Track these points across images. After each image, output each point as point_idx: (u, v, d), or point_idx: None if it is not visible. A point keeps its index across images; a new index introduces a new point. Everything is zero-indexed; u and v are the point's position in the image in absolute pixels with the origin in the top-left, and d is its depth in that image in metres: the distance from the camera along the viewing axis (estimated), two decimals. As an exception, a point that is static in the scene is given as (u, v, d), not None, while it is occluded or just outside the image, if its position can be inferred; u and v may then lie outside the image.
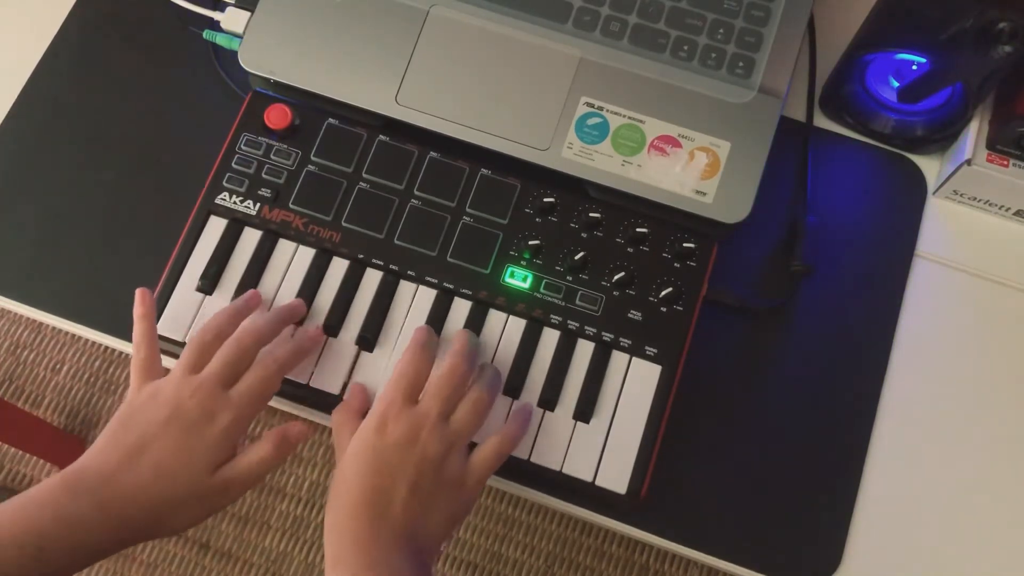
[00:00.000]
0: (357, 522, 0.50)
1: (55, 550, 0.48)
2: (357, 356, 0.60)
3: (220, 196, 0.62)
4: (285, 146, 0.64)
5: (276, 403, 0.60)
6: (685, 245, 0.61)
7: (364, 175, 0.63)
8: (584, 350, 0.60)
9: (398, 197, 0.63)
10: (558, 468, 0.58)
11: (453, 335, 0.59)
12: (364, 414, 0.56)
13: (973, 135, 0.64)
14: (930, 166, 0.69)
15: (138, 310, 0.56)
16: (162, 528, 0.52)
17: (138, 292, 0.57)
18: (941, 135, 0.67)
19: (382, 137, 0.64)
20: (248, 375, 0.54)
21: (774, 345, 0.64)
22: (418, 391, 0.55)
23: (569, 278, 0.61)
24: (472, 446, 0.56)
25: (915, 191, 0.68)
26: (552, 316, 0.60)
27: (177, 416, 0.52)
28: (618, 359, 0.60)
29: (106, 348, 1.38)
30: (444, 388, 0.54)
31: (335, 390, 0.59)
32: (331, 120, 0.64)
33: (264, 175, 0.63)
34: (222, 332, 0.56)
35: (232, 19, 0.67)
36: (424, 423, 0.53)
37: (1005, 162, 0.63)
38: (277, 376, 0.55)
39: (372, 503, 0.51)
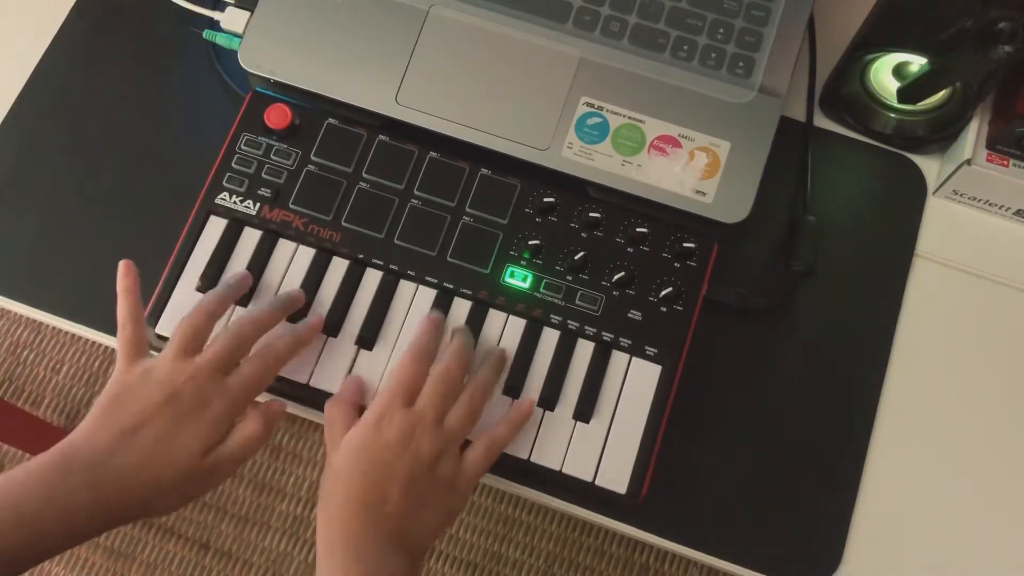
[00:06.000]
0: (350, 518, 0.51)
1: (47, 529, 0.48)
2: (356, 356, 0.60)
3: (220, 196, 0.62)
4: (285, 146, 0.64)
5: (276, 403, 0.60)
6: (685, 245, 0.61)
7: (364, 175, 0.63)
8: (584, 350, 0.60)
9: (398, 197, 0.63)
10: (558, 468, 0.58)
11: (451, 332, 0.59)
12: (357, 408, 0.56)
13: (973, 135, 0.64)
14: (930, 166, 0.69)
15: (121, 283, 0.55)
16: (152, 509, 0.51)
17: (121, 264, 0.56)
18: (941, 135, 0.67)
19: (382, 137, 0.64)
20: (246, 365, 0.54)
21: (774, 345, 0.64)
22: (415, 393, 0.55)
23: (569, 278, 0.61)
24: (466, 444, 0.56)
25: (915, 191, 0.68)
26: (552, 316, 0.60)
27: (172, 400, 0.51)
28: (618, 359, 0.60)
29: (106, 348, 1.38)
30: (438, 391, 0.55)
31: (335, 389, 0.59)
32: (331, 120, 0.64)
33: (264, 175, 0.63)
34: (214, 313, 0.56)
35: (232, 19, 0.67)
36: (419, 424, 0.53)
37: (1005, 162, 0.63)
38: (275, 367, 0.56)
39: (366, 501, 0.51)
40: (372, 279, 0.61)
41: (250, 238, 0.62)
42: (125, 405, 0.51)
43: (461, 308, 0.61)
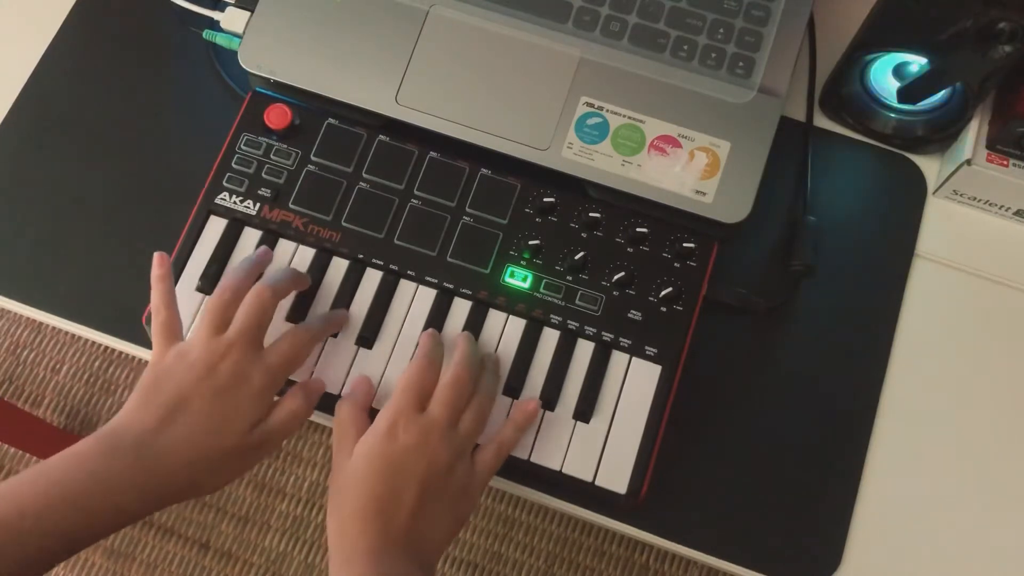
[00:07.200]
0: (365, 527, 0.51)
1: (95, 509, 0.48)
2: (356, 355, 0.60)
3: (220, 196, 0.62)
4: (285, 146, 0.64)
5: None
6: (685, 245, 0.61)
7: (364, 175, 0.63)
8: (584, 350, 0.60)
9: (398, 197, 0.63)
10: (558, 468, 0.58)
11: (454, 340, 0.59)
12: (368, 411, 0.57)
13: (973, 135, 0.64)
14: (930, 166, 0.69)
15: (156, 272, 0.57)
16: (200, 487, 0.52)
17: (156, 255, 0.57)
18: (941, 135, 0.67)
19: (382, 137, 0.64)
20: (282, 342, 0.55)
21: (774, 345, 0.64)
22: (426, 399, 0.55)
23: (569, 278, 0.61)
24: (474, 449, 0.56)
25: (915, 191, 0.68)
26: (552, 316, 0.60)
27: (211, 377, 0.52)
28: (618, 359, 0.60)
29: (106, 348, 1.38)
30: (451, 396, 0.55)
31: (335, 390, 0.59)
32: (331, 120, 0.64)
33: (264, 175, 0.63)
34: (240, 291, 0.56)
35: (232, 19, 0.67)
36: (433, 430, 0.53)
37: (1005, 162, 0.63)
38: (310, 344, 0.57)
39: (381, 509, 0.51)
40: (372, 279, 0.62)
41: (250, 238, 0.62)
42: (165, 386, 0.52)
43: (461, 308, 0.61)
